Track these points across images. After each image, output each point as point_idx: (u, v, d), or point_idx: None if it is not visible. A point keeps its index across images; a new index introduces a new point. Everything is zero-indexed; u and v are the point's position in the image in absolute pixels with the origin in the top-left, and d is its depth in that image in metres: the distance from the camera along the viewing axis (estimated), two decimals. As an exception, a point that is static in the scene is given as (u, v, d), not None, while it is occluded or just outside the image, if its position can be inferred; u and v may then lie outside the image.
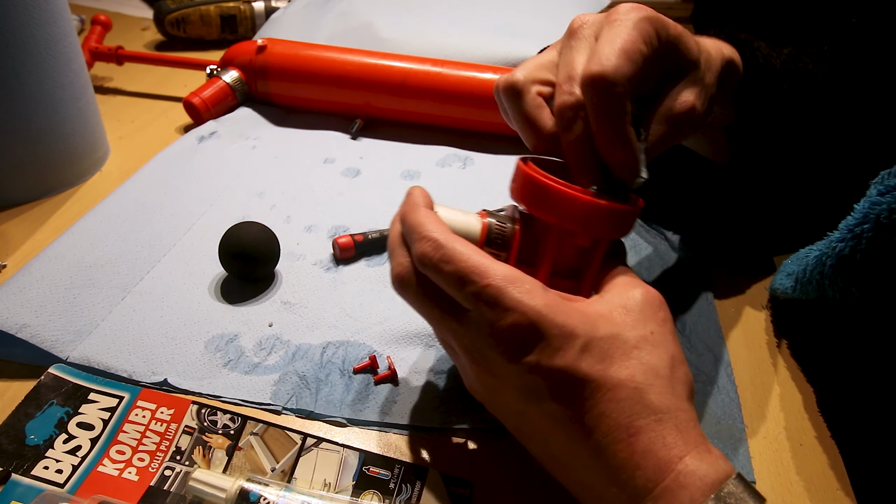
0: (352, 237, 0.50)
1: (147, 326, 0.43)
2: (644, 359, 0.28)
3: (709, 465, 0.27)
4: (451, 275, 0.29)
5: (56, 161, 0.56)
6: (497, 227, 0.34)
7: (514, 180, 0.35)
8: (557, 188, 0.32)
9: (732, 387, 0.41)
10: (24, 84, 0.51)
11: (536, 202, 0.33)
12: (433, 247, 0.29)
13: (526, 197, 0.34)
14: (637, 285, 0.32)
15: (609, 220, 0.32)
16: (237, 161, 0.61)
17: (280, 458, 0.36)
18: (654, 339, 0.29)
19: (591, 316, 0.29)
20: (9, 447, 0.35)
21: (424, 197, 0.33)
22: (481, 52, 0.71)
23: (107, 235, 0.50)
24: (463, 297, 0.29)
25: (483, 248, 0.34)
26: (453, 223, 0.34)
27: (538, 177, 0.32)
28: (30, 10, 0.49)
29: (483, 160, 0.64)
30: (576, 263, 0.35)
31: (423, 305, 0.31)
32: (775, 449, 0.38)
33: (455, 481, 0.35)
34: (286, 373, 0.40)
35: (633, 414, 0.27)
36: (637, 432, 0.27)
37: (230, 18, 0.89)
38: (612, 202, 0.32)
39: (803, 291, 0.41)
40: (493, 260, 0.29)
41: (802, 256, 0.41)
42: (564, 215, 0.32)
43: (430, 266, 0.30)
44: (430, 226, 0.30)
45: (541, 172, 0.33)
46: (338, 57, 0.67)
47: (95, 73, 0.79)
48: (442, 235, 0.30)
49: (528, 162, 0.34)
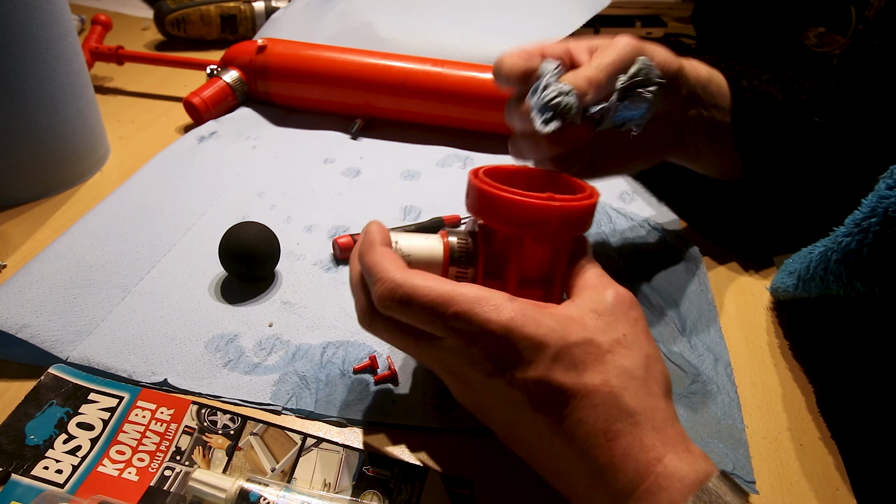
0: (352, 237, 0.50)
1: (147, 326, 0.43)
2: (618, 362, 0.29)
3: (688, 465, 0.27)
4: (416, 312, 0.29)
5: (56, 161, 0.56)
6: (459, 244, 0.35)
7: (468, 195, 0.35)
8: (508, 197, 0.32)
9: (732, 387, 0.41)
10: (24, 84, 0.51)
11: (491, 214, 0.34)
12: (391, 289, 0.29)
13: (481, 209, 0.34)
14: (607, 286, 0.32)
15: (565, 220, 0.33)
16: (237, 161, 0.61)
17: (280, 459, 0.36)
18: (626, 341, 0.30)
19: (562, 322, 0.29)
20: (9, 447, 0.35)
21: (381, 233, 0.33)
22: (481, 52, 0.71)
23: (107, 235, 0.50)
24: (433, 329, 0.30)
25: (450, 267, 0.35)
26: (415, 250, 0.34)
27: (488, 188, 0.33)
28: (30, 10, 0.49)
29: (483, 160, 0.64)
30: (542, 270, 0.35)
31: (395, 339, 0.32)
32: (775, 449, 0.38)
33: (455, 481, 0.35)
34: (286, 373, 0.40)
35: (609, 418, 0.28)
36: (615, 436, 0.27)
37: (230, 18, 0.89)
38: (564, 201, 0.33)
39: (806, 289, 0.41)
40: (455, 284, 0.30)
41: (805, 254, 0.41)
42: (520, 223, 0.33)
43: (391, 308, 0.30)
44: (386, 265, 0.30)
45: (490, 183, 0.33)
46: (338, 57, 0.67)
47: (95, 73, 0.79)
48: (399, 274, 0.30)
49: (479, 174, 0.35)
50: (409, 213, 0.56)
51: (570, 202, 0.33)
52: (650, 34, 0.93)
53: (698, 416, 0.39)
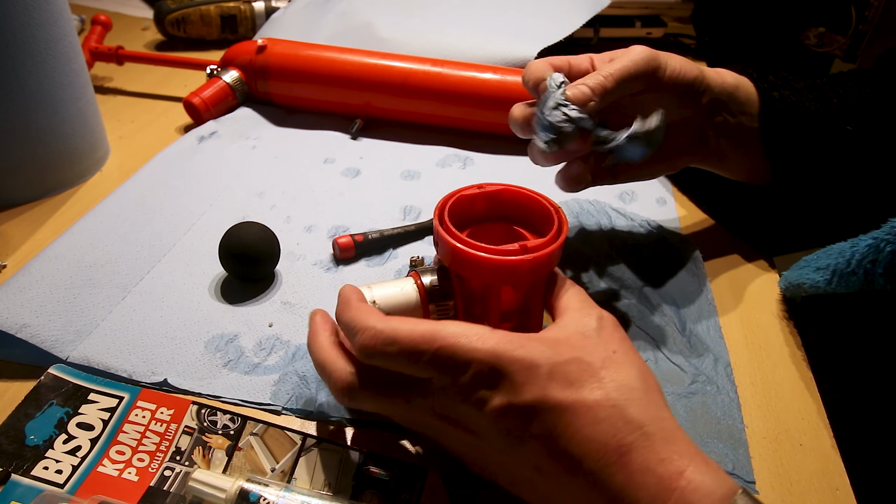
0: (352, 237, 0.50)
1: (147, 326, 0.43)
2: (614, 377, 0.28)
3: (713, 479, 0.26)
4: (399, 354, 0.29)
5: (56, 161, 0.56)
6: (433, 283, 0.36)
7: (436, 243, 0.36)
8: (478, 256, 0.33)
9: (732, 387, 0.41)
10: (24, 84, 0.51)
11: (462, 268, 0.35)
12: (372, 335, 0.29)
13: (452, 263, 0.35)
14: (589, 311, 0.32)
15: (536, 267, 0.34)
16: (237, 161, 0.61)
17: (280, 459, 0.36)
18: (618, 357, 0.29)
19: (549, 344, 0.29)
20: (9, 447, 0.35)
21: (354, 292, 0.33)
22: (481, 52, 0.71)
23: (107, 235, 0.50)
24: (419, 370, 0.29)
25: (429, 305, 0.36)
26: (390, 297, 0.36)
27: (458, 248, 0.34)
28: (30, 10, 0.49)
29: (483, 160, 0.64)
30: (518, 305, 0.37)
31: (380, 400, 0.31)
32: (775, 449, 0.38)
33: (456, 481, 0.35)
34: (286, 373, 0.40)
35: (618, 432, 0.26)
36: (628, 451, 0.26)
37: (230, 18, 0.89)
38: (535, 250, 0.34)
39: (842, 284, 0.40)
40: (434, 323, 0.29)
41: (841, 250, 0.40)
42: (492, 277, 0.34)
43: (375, 354, 0.29)
44: (364, 316, 0.30)
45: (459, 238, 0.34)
46: (338, 57, 0.67)
47: (95, 73, 0.79)
48: (378, 322, 0.30)
49: (444, 219, 0.36)
50: (409, 213, 0.56)
51: (540, 251, 0.34)
52: (650, 34, 0.93)
53: (698, 416, 0.39)
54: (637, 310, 0.46)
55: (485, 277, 0.35)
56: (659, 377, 0.41)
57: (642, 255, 0.51)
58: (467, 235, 0.36)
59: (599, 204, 0.57)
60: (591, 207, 0.56)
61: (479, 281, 0.36)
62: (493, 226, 0.40)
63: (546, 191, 0.40)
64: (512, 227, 0.39)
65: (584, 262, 0.50)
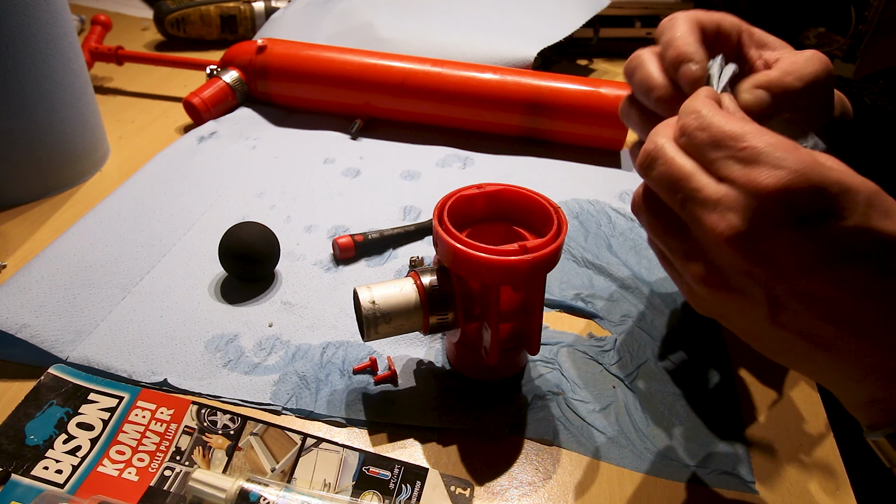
0: (352, 237, 0.50)
1: (147, 326, 0.43)
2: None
3: None
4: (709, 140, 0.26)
5: (56, 161, 0.56)
6: (433, 283, 0.37)
7: (436, 244, 0.36)
8: (478, 257, 0.33)
9: (733, 386, 0.41)
10: (24, 84, 0.51)
11: (462, 269, 0.35)
12: (695, 117, 0.27)
13: (453, 265, 0.35)
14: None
15: (535, 267, 0.34)
16: (237, 161, 0.61)
17: (280, 459, 0.36)
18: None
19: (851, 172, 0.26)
20: (9, 447, 0.35)
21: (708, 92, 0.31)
22: (481, 52, 0.71)
23: (107, 235, 0.50)
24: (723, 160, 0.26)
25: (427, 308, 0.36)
26: (390, 297, 0.36)
27: (457, 248, 0.34)
28: (30, 10, 0.49)
29: (483, 160, 0.64)
30: (519, 305, 0.37)
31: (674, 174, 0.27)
32: (775, 449, 0.38)
33: (455, 481, 0.35)
34: (286, 373, 0.40)
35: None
36: None
37: (230, 18, 0.89)
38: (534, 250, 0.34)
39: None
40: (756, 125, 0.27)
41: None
42: (492, 278, 0.34)
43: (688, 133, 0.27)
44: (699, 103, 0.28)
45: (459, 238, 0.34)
46: (338, 57, 0.67)
47: (95, 73, 0.79)
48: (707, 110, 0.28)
49: (444, 219, 0.36)
50: (409, 213, 0.56)
51: (540, 251, 0.34)
52: (650, 34, 0.93)
53: (698, 416, 0.39)
54: (637, 310, 0.46)
55: (484, 277, 0.35)
56: (659, 377, 0.41)
57: (642, 256, 0.51)
58: (467, 235, 0.36)
59: (599, 204, 0.57)
60: (591, 207, 0.56)
61: (479, 281, 0.36)
62: (493, 226, 0.40)
63: (546, 191, 0.40)
64: (511, 228, 0.39)
65: (584, 262, 0.50)
